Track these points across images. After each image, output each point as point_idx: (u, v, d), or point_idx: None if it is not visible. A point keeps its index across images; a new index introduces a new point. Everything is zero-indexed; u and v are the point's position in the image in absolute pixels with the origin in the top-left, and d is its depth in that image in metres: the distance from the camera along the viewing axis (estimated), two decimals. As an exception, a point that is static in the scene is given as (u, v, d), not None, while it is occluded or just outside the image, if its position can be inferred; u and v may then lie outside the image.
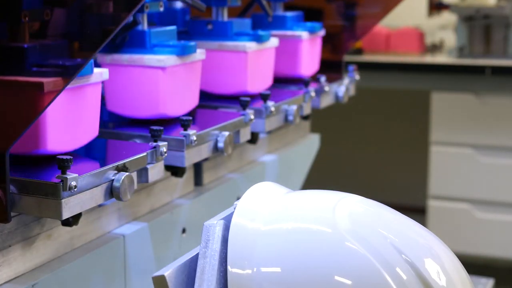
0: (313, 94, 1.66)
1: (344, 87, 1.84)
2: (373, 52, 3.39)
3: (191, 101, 1.37)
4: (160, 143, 1.18)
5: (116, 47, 1.30)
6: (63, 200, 0.99)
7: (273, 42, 1.59)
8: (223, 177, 1.54)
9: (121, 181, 1.07)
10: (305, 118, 1.79)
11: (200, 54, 1.36)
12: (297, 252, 0.91)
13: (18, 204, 1.01)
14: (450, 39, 3.49)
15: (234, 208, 0.98)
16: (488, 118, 3.11)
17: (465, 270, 0.97)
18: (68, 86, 1.02)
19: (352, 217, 0.95)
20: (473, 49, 3.20)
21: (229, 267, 0.92)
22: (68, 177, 0.99)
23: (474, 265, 2.96)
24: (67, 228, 1.13)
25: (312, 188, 1.26)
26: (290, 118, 1.55)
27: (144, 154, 1.15)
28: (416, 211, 3.46)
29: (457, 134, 3.17)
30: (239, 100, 1.41)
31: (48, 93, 0.98)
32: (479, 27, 3.20)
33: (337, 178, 3.98)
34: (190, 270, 0.97)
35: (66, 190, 0.99)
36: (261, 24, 1.70)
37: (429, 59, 3.30)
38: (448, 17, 3.52)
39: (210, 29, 1.51)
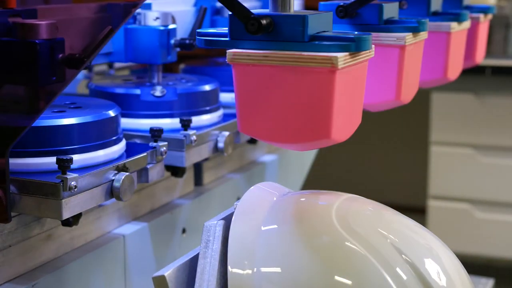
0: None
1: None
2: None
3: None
4: (160, 143, 1.19)
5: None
6: (63, 200, 0.99)
7: (468, 23, 1.44)
8: (223, 177, 1.54)
9: (121, 181, 1.07)
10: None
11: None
12: (297, 252, 0.91)
13: (18, 204, 1.01)
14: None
15: (234, 208, 0.98)
16: (488, 118, 3.11)
17: (465, 270, 0.97)
18: (352, 62, 0.91)
19: (352, 217, 0.95)
20: (473, 49, 3.19)
21: (229, 267, 0.91)
22: (68, 177, 0.99)
23: (474, 265, 2.96)
24: (67, 228, 1.13)
25: (312, 188, 1.26)
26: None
27: (144, 154, 1.15)
28: (416, 211, 3.46)
29: (457, 134, 3.17)
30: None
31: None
32: (479, 27, 3.20)
33: (337, 178, 3.98)
34: (190, 270, 0.97)
35: (66, 190, 0.99)
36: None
37: (429, 59, 3.29)
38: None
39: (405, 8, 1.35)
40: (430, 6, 1.37)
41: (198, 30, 0.98)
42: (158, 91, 1.31)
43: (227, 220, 0.97)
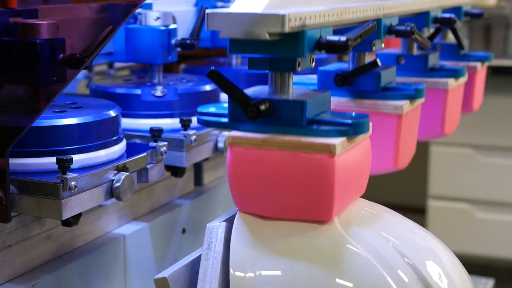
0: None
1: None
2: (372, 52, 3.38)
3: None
4: (160, 143, 1.19)
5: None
6: (63, 200, 0.99)
7: (465, 77, 1.45)
8: (223, 177, 1.54)
9: (121, 181, 1.07)
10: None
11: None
12: (298, 255, 0.91)
13: (18, 204, 1.01)
14: (450, 39, 3.48)
15: (237, 210, 0.98)
16: (488, 118, 3.11)
17: (466, 271, 0.98)
18: (350, 145, 0.93)
19: (354, 220, 0.96)
20: (473, 49, 3.19)
21: (231, 270, 0.91)
22: (68, 177, 0.99)
23: (474, 265, 2.96)
24: (67, 228, 1.13)
25: None
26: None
27: (144, 154, 1.15)
28: (416, 211, 3.46)
29: (457, 134, 3.16)
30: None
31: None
32: (479, 27, 3.20)
33: (337, 178, 3.98)
34: (192, 272, 0.97)
35: (66, 190, 0.99)
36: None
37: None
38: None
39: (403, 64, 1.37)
40: (427, 62, 1.37)
41: (198, 109, 0.98)
42: (158, 91, 1.31)
43: (230, 222, 0.97)
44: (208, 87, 1.36)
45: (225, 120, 0.94)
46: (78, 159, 1.06)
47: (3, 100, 1.12)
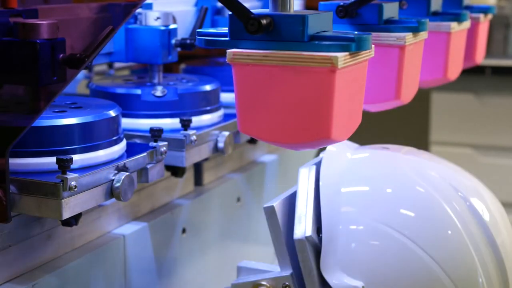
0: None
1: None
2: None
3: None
4: (160, 143, 1.19)
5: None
6: (63, 200, 0.99)
7: (468, 23, 1.44)
8: (223, 177, 1.54)
9: (121, 181, 1.07)
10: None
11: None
12: (377, 184, 1.15)
13: (18, 204, 1.01)
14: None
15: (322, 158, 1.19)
16: (488, 118, 3.11)
17: (503, 208, 1.23)
18: (352, 62, 0.91)
19: (418, 164, 1.19)
20: (473, 49, 3.19)
21: (321, 189, 1.13)
22: (68, 177, 0.99)
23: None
24: (67, 228, 1.13)
25: None
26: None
27: (144, 154, 1.15)
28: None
29: (457, 134, 3.17)
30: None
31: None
32: (479, 27, 3.20)
33: (337, 178, 3.98)
34: (291, 204, 1.16)
35: (66, 190, 0.99)
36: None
37: (429, 59, 3.29)
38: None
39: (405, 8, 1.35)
40: (430, 6, 1.36)
41: (198, 30, 0.98)
42: (158, 91, 1.31)
43: (318, 165, 1.19)
44: (208, 87, 1.36)
45: (225, 38, 0.93)
46: (78, 159, 1.06)
47: (3, 100, 1.12)
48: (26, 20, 1.02)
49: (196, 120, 1.32)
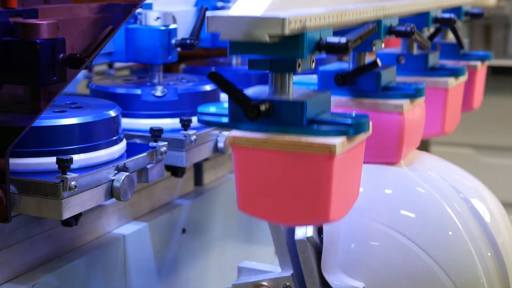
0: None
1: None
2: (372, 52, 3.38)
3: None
4: (160, 143, 1.19)
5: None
6: (63, 200, 0.99)
7: (465, 76, 1.45)
8: (223, 177, 1.54)
9: (121, 181, 1.07)
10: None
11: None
12: (378, 185, 1.16)
13: (18, 204, 1.01)
14: (450, 38, 3.48)
15: None
16: (488, 118, 3.11)
17: (504, 210, 1.25)
18: (350, 145, 0.93)
19: (417, 164, 1.21)
20: (473, 48, 3.19)
21: None
22: (68, 177, 0.99)
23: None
24: (67, 228, 1.13)
25: None
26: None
27: (144, 154, 1.15)
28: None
29: (457, 134, 3.17)
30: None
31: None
32: (479, 27, 3.20)
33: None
34: None
35: (66, 190, 0.99)
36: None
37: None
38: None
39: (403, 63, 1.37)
40: (427, 61, 1.38)
41: (198, 109, 0.98)
42: (159, 91, 1.31)
43: None
44: (208, 87, 1.36)
45: (225, 120, 0.94)
46: (78, 159, 1.06)
47: (3, 100, 1.12)
48: (26, 20, 1.02)
49: (196, 120, 1.32)
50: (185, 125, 1.26)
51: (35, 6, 1.10)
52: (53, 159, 1.02)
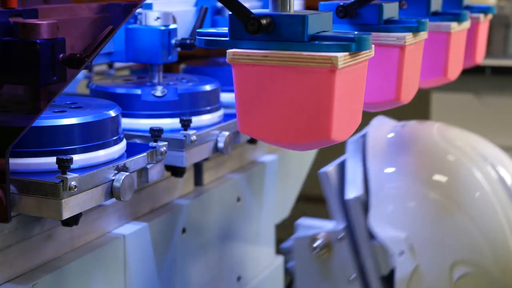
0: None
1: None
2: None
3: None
4: (160, 143, 1.18)
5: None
6: (63, 200, 0.99)
7: (468, 23, 1.44)
8: (223, 177, 1.54)
9: (121, 181, 1.07)
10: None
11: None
12: (415, 152, 1.50)
13: (18, 204, 1.01)
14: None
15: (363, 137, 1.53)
16: (488, 118, 3.11)
17: None
18: (352, 62, 0.91)
19: (450, 135, 1.52)
20: (473, 49, 3.19)
21: (368, 155, 1.48)
22: (68, 177, 0.99)
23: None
24: (67, 228, 1.13)
25: (312, 187, 1.38)
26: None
27: (144, 154, 1.15)
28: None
29: (457, 134, 3.17)
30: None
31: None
32: (479, 27, 3.20)
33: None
34: (342, 170, 1.46)
35: (66, 190, 0.99)
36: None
37: (429, 59, 3.29)
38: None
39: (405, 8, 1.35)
40: (430, 6, 1.37)
41: (198, 30, 0.97)
42: (159, 91, 1.31)
43: (363, 138, 1.52)
44: (208, 87, 1.36)
45: (225, 39, 0.93)
46: (78, 159, 1.06)
47: (3, 100, 1.12)
48: (26, 20, 1.02)
49: (196, 120, 1.32)
50: (185, 125, 1.26)
51: (35, 6, 1.10)
52: (53, 159, 1.02)
